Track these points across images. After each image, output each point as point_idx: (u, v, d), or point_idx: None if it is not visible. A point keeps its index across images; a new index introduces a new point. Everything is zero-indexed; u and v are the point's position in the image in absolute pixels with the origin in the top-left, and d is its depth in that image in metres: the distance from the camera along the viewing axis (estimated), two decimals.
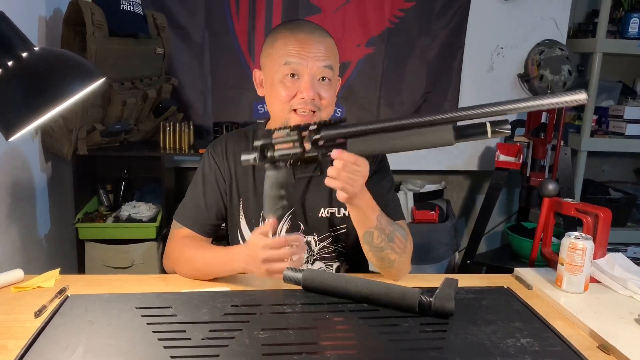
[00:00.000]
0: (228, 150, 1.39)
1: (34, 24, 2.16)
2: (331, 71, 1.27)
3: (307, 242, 1.37)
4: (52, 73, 0.91)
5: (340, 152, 1.06)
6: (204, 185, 1.39)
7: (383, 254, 1.24)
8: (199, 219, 1.38)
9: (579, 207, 1.38)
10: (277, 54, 1.26)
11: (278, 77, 1.26)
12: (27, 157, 2.13)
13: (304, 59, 1.23)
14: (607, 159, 3.32)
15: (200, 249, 1.30)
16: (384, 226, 1.22)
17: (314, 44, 1.24)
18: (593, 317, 1.12)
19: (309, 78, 1.24)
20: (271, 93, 1.29)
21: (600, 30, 2.76)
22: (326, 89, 1.27)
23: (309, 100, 1.24)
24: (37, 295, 1.17)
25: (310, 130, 1.09)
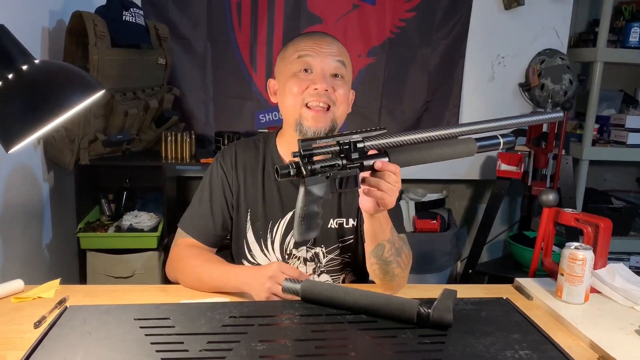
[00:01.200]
0: (238, 160, 1.38)
1: (37, 35, 2.17)
2: (343, 67, 1.28)
3: (315, 253, 1.36)
4: (52, 85, 0.92)
5: (385, 163, 1.06)
6: (211, 195, 1.38)
7: (389, 267, 1.23)
8: (204, 229, 1.38)
9: (579, 217, 1.38)
10: (290, 53, 1.29)
11: (291, 71, 1.27)
12: (29, 167, 2.14)
13: (317, 53, 1.26)
14: (609, 168, 3.32)
15: (207, 263, 1.29)
16: (395, 240, 1.22)
17: (327, 42, 1.28)
18: (593, 328, 1.11)
19: (321, 71, 1.25)
20: (284, 91, 1.30)
21: (601, 40, 2.77)
22: (339, 84, 1.27)
23: (322, 91, 1.24)
24: (37, 305, 1.17)
25: (354, 140, 1.06)
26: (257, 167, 1.38)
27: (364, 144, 1.06)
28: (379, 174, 1.07)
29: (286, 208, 1.35)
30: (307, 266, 1.37)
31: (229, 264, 1.29)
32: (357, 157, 1.06)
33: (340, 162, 1.05)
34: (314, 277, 1.38)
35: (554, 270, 1.34)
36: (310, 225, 1.07)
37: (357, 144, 1.05)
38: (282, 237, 1.35)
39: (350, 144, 1.05)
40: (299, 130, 1.27)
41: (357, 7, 2.80)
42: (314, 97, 1.24)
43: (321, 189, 1.06)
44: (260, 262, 1.39)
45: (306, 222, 1.07)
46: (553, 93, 2.78)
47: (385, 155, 1.08)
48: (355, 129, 3.09)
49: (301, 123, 1.27)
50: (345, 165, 1.06)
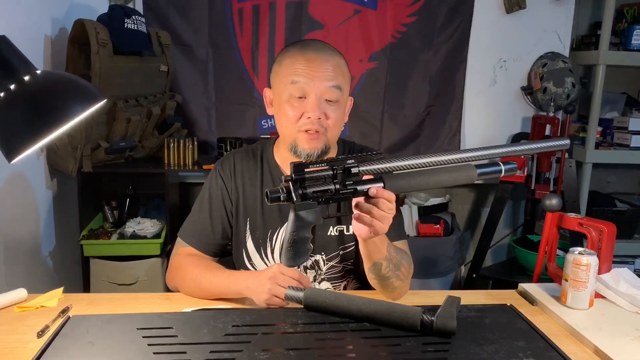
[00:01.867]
0: (236, 169, 1.38)
1: (40, 43, 2.19)
2: (339, 91, 1.24)
3: (315, 261, 1.36)
4: (54, 96, 0.92)
5: (380, 190, 1.04)
6: (210, 204, 1.38)
7: (388, 282, 1.23)
8: (204, 239, 1.37)
9: (583, 222, 1.37)
10: (284, 73, 1.25)
11: (285, 96, 1.25)
12: (32, 174, 2.15)
13: (311, 78, 1.22)
14: (612, 171, 3.31)
15: (207, 270, 1.28)
16: (392, 256, 1.20)
17: (322, 63, 1.23)
18: (598, 334, 1.10)
19: (315, 98, 1.22)
20: (279, 113, 1.28)
21: (603, 42, 2.76)
22: (333, 109, 1.25)
23: (315, 120, 1.22)
24: (40, 315, 1.17)
25: (348, 165, 1.03)
26: (256, 175, 1.37)
27: (358, 169, 1.04)
28: (372, 201, 1.04)
29: (285, 216, 1.34)
30: (307, 274, 1.36)
31: (228, 270, 1.29)
32: (350, 183, 1.04)
33: (333, 188, 1.03)
34: (315, 284, 1.38)
35: (558, 275, 1.33)
36: (299, 251, 1.05)
37: (352, 169, 1.03)
38: (281, 245, 1.35)
39: (344, 169, 1.03)
40: (293, 151, 1.27)
41: (359, 13, 2.80)
42: (307, 126, 1.23)
43: (312, 215, 1.03)
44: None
45: (295, 248, 1.05)
46: (555, 96, 2.77)
47: (381, 181, 1.05)
48: (357, 134, 3.10)
49: (295, 145, 1.26)
50: (338, 191, 1.03)
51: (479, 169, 1.10)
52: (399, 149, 2.96)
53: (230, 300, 1.25)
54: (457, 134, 2.97)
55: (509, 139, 3.01)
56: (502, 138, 3.02)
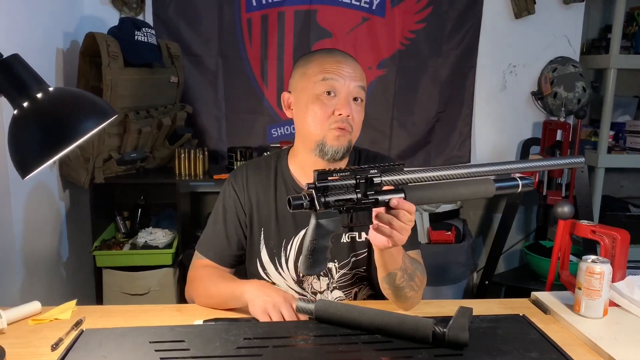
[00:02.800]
0: (249, 181, 1.39)
1: (52, 56, 2.22)
2: (364, 93, 1.30)
3: (328, 269, 1.36)
4: (66, 113, 0.93)
5: (401, 202, 1.04)
6: (225, 216, 1.39)
7: (402, 292, 1.23)
8: (220, 251, 1.39)
9: (596, 229, 1.36)
10: (313, 72, 1.28)
11: (315, 93, 1.27)
12: (45, 186, 2.17)
13: (342, 77, 1.26)
14: (625, 175, 3.27)
15: (218, 279, 1.30)
16: (407, 266, 1.20)
17: (349, 64, 1.28)
18: (613, 343, 1.09)
19: (345, 96, 1.26)
20: (305, 111, 1.29)
21: (614, 46, 2.74)
22: (358, 110, 1.29)
23: (346, 117, 1.25)
24: (54, 327, 1.18)
25: (371, 175, 1.03)
26: (269, 186, 1.38)
27: (381, 179, 1.04)
28: (393, 212, 1.05)
29: (299, 226, 1.35)
30: (320, 281, 1.37)
31: (239, 280, 1.29)
32: (372, 193, 1.04)
33: (355, 197, 1.02)
34: (327, 293, 1.38)
35: (571, 283, 1.32)
36: (318, 260, 1.05)
37: (374, 179, 1.03)
38: (296, 254, 1.35)
39: (367, 179, 1.03)
40: (319, 150, 1.28)
41: (367, 20, 2.80)
42: (338, 123, 1.26)
43: (333, 224, 1.03)
44: (274, 281, 1.39)
45: (314, 257, 1.04)
46: (566, 101, 2.76)
47: (402, 192, 1.06)
48: (366, 141, 3.11)
49: (323, 143, 1.27)
50: (359, 200, 1.03)
51: (497, 183, 1.11)
52: (409, 155, 2.95)
53: (240, 310, 1.26)
54: (467, 140, 2.96)
55: (520, 145, 2.99)
56: (513, 144, 3.00)
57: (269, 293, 1.18)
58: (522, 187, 1.12)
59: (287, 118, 1.36)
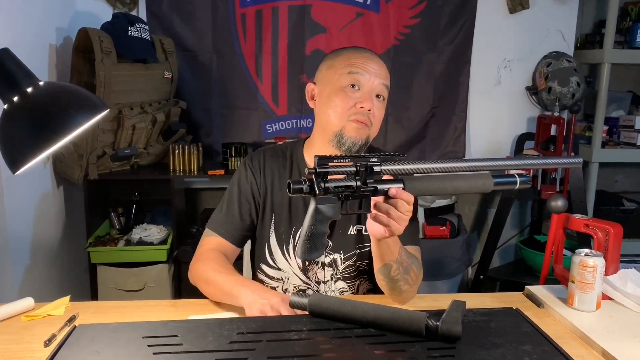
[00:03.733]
0: (266, 165, 1.41)
1: (45, 52, 2.20)
2: (386, 91, 1.31)
3: (333, 259, 1.37)
4: (57, 107, 0.93)
5: (400, 191, 1.05)
6: (239, 195, 1.40)
7: (397, 285, 1.23)
8: (232, 227, 1.39)
9: (589, 223, 1.36)
10: (340, 65, 1.30)
11: (339, 84, 1.29)
12: (39, 183, 2.17)
13: (367, 72, 1.28)
14: (620, 170, 3.29)
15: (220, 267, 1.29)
16: (403, 259, 1.21)
17: (376, 61, 1.31)
18: (606, 336, 1.10)
19: (368, 90, 1.28)
20: (327, 102, 1.31)
21: (608, 41, 2.75)
22: (379, 107, 1.30)
23: (366, 110, 1.27)
24: (47, 323, 1.18)
25: (371, 163, 1.03)
26: (285, 173, 1.40)
27: (381, 168, 1.04)
28: (391, 201, 1.05)
29: None
30: (325, 271, 1.37)
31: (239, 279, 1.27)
32: (372, 181, 1.04)
33: (354, 184, 1.03)
34: (331, 283, 1.38)
35: (565, 277, 1.32)
36: (315, 245, 1.05)
37: (374, 167, 1.03)
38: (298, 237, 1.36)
39: (367, 167, 1.03)
40: (337, 140, 1.30)
41: (361, 16, 2.80)
42: (358, 116, 1.27)
43: (331, 209, 1.03)
44: (280, 266, 1.39)
45: (312, 242, 1.05)
46: (560, 96, 2.76)
47: (401, 182, 1.06)
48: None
49: (342, 134, 1.29)
50: (359, 188, 1.03)
51: (495, 179, 1.11)
52: (404, 151, 2.95)
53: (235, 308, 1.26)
54: (462, 135, 2.97)
55: (514, 140, 3.00)
56: (507, 139, 3.01)
57: (265, 296, 1.17)
58: (520, 185, 1.12)
59: (282, 114, 1.37)
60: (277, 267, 1.40)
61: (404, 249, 1.22)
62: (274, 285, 1.42)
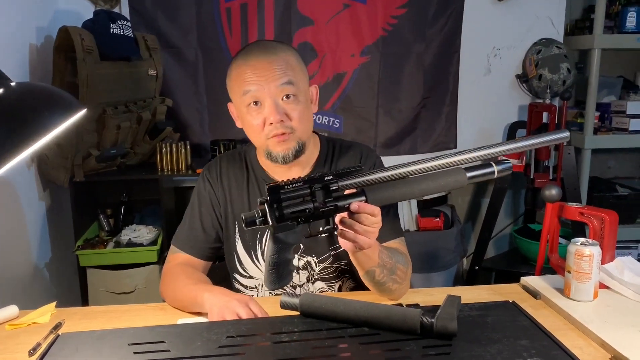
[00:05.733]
0: (222, 172, 1.37)
1: (25, 52, 2.15)
2: (292, 86, 1.21)
3: (307, 262, 1.34)
4: (30, 108, 0.89)
5: (362, 205, 1.01)
6: (200, 208, 1.37)
7: (384, 287, 1.20)
8: (196, 243, 1.36)
9: (584, 211, 1.34)
10: (234, 87, 1.25)
11: (242, 108, 1.24)
12: (24, 186, 2.12)
13: (260, 83, 1.20)
14: (612, 155, 3.27)
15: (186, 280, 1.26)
16: (385, 262, 1.17)
17: (266, 65, 1.20)
18: (604, 326, 1.08)
19: (271, 101, 1.20)
20: (244, 125, 1.28)
21: (598, 26, 2.72)
22: (293, 107, 1.22)
23: (278, 123, 1.20)
24: (32, 332, 1.15)
25: (326, 182, 1.00)
26: (242, 178, 1.37)
27: (337, 185, 1.00)
28: (355, 216, 1.02)
29: None
30: (300, 274, 1.34)
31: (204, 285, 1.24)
32: (330, 200, 1.01)
33: (312, 206, 0.99)
34: (309, 285, 1.36)
35: (561, 266, 1.30)
36: (282, 274, 1.02)
37: (330, 185, 1.00)
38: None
39: (322, 187, 1.00)
40: (269, 158, 1.26)
41: (348, 7, 2.76)
42: (273, 131, 1.21)
43: (292, 236, 1.00)
44: (252, 274, 1.37)
45: (277, 271, 1.02)
46: (551, 83, 2.74)
47: (363, 195, 1.02)
48: (352, 130, 3.06)
49: (269, 152, 1.25)
50: (317, 209, 1.00)
51: (468, 173, 1.05)
52: (396, 143, 2.93)
53: None
54: (453, 125, 2.94)
55: (506, 128, 2.97)
56: (499, 127, 2.99)
57: (222, 298, 1.14)
58: (499, 173, 1.05)
59: None
60: (249, 276, 1.37)
61: (385, 250, 1.18)
62: (251, 294, 1.39)
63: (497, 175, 1.06)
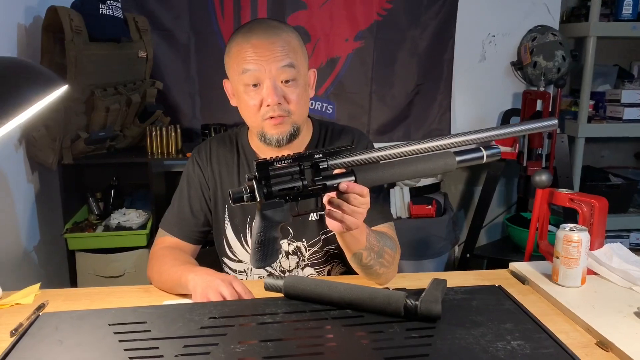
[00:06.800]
0: (212, 155, 1.35)
1: (13, 32, 2.12)
2: (293, 69, 1.19)
3: (296, 247, 1.33)
4: (6, 83, 0.87)
5: (351, 185, 0.99)
6: (189, 191, 1.36)
7: (372, 270, 1.19)
8: (185, 226, 1.35)
9: (574, 198, 1.33)
10: (233, 65, 1.21)
11: (240, 86, 1.20)
12: (11, 168, 2.09)
13: (261, 63, 1.16)
14: (606, 145, 3.27)
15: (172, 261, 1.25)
16: (373, 244, 1.16)
17: (268, 45, 1.17)
18: (591, 311, 1.07)
19: (270, 83, 1.17)
20: (239, 104, 1.25)
21: (594, 14, 2.71)
22: (291, 90, 1.20)
23: (275, 105, 1.18)
24: (15, 312, 1.14)
25: (316, 160, 0.99)
26: (232, 161, 1.35)
27: (327, 164, 0.99)
28: (344, 196, 1.01)
29: None
30: (289, 260, 1.33)
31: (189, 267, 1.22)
32: (319, 179, 0.99)
33: (300, 185, 0.98)
34: (298, 270, 1.35)
35: (550, 252, 1.29)
36: (268, 252, 1.01)
37: (320, 164, 0.99)
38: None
39: (311, 165, 0.99)
40: (262, 140, 1.24)
41: None
42: (270, 113, 1.19)
43: (279, 214, 0.99)
44: (241, 258, 1.36)
45: (264, 249, 1.01)
46: (546, 70, 2.72)
47: (352, 175, 1.01)
48: (345, 116, 3.03)
49: (263, 134, 1.22)
50: (306, 187, 0.99)
51: (458, 156, 1.05)
52: (389, 130, 2.91)
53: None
54: (447, 112, 2.92)
55: (500, 116, 2.96)
56: (493, 115, 2.97)
57: (206, 278, 1.13)
58: (487, 158, 1.06)
59: None
60: (238, 260, 1.36)
61: (372, 233, 1.17)
62: (240, 278, 1.38)
63: (486, 160, 1.06)
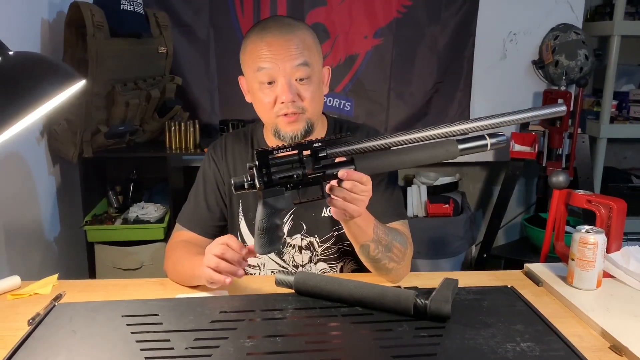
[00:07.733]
0: (227, 150, 1.37)
1: (37, 27, 2.16)
2: (308, 68, 1.19)
3: (309, 242, 1.33)
4: (27, 77, 0.88)
5: (350, 173, 1.00)
6: (205, 186, 1.38)
7: (380, 264, 1.19)
8: (201, 221, 1.37)
9: (592, 199, 1.31)
10: (248, 62, 1.22)
11: (255, 83, 1.21)
12: (34, 161, 2.14)
13: (276, 61, 1.17)
14: (629, 146, 3.21)
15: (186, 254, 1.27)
16: (380, 237, 1.16)
17: (283, 43, 1.17)
18: (605, 315, 1.06)
19: (285, 81, 1.18)
20: (254, 100, 1.26)
21: (618, 12, 2.65)
22: (306, 88, 1.21)
23: (289, 103, 1.19)
24: (33, 302, 1.16)
25: (315, 148, 1.00)
26: (247, 157, 1.36)
27: (326, 152, 1.00)
28: (344, 184, 1.01)
29: None
30: (302, 254, 1.34)
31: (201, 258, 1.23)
32: (319, 166, 1.01)
33: (300, 172, 1.00)
34: (311, 265, 1.35)
35: (566, 254, 1.28)
36: (271, 239, 1.03)
37: (319, 152, 1.00)
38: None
39: (312, 153, 1.00)
40: (277, 136, 1.25)
41: None
42: (283, 110, 1.20)
43: (280, 201, 1.01)
44: None
45: (267, 236, 1.02)
46: (568, 70, 2.67)
47: (352, 163, 1.02)
48: (363, 113, 3.02)
49: (277, 130, 1.23)
50: (306, 175, 1.01)
51: (460, 144, 1.04)
52: (406, 127, 2.89)
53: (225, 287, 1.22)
54: (466, 110, 2.90)
55: None
56: None
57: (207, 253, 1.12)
58: (492, 146, 1.04)
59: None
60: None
61: (381, 226, 1.17)
62: (252, 272, 1.39)
63: (491, 148, 1.04)
